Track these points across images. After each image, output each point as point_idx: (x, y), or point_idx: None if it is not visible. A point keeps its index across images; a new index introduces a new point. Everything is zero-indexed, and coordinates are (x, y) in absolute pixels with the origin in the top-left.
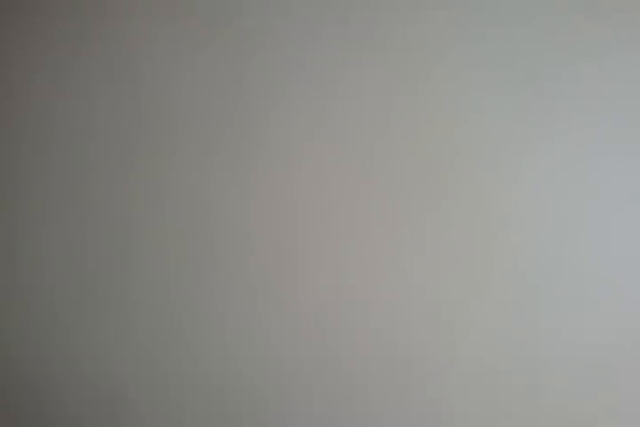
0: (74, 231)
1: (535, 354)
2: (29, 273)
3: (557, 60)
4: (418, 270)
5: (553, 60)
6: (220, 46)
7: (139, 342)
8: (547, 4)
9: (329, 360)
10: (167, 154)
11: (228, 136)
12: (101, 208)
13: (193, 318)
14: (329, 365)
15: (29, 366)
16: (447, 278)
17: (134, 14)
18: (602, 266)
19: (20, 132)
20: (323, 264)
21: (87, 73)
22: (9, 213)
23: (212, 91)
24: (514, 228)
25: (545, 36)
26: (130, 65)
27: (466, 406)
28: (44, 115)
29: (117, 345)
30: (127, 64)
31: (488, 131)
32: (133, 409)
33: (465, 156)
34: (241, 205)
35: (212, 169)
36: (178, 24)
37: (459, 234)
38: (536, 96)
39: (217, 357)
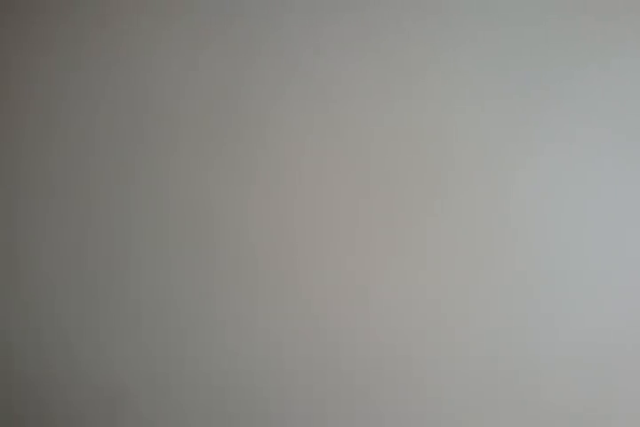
0: (74, 231)
1: (535, 354)
2: (29, 273)
3: (560, 60)
4: (418, 270)
5: (556, 61)
6: (220, 46)
7: (139, 342)
8: (552, 4)
9: (329, 360)
10: (167, 154)
11: (229, 136)
12: (101, 208)
13: (193, 318)
14: (329, 365)
15: (29, 366)
16: (447, 279)
17: (134, 14)
18: (602, 266)
19: (20, 132)
20: (323, 264)
21: (87, 73)
22: (9, 213)
23: (211, 91)
24: (514, 228)
25: (548, 36)
26: (130, 65)
27: (466, 406)
28: (44, 115)
29: (117, 345)
30: (127, 64)
31: (489, 131)
32: (133, 409)
33: (466, 156)
34: (241, 205)
35: (212, 169)
36: (178, 24)
37: (459, 234)
38: (537, 97)
39: (217, 357)
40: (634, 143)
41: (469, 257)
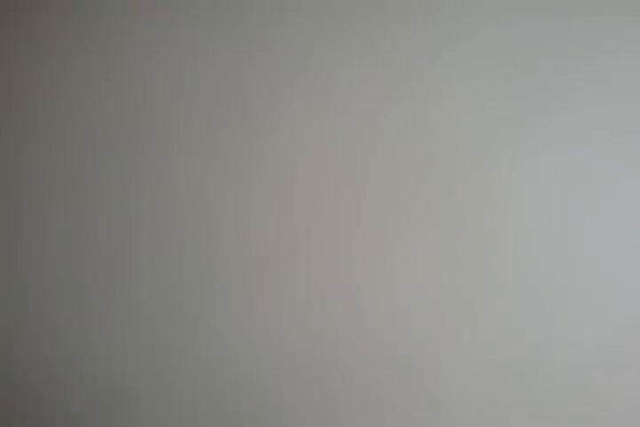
0: (74, 231)
1: (535, 354)
2: (29, 273)
3: (558, 61)
4: (418, 270)
5: (554, 62)
6: (220, 46)
7: (139, 342)
8: (553, 4)
9: (329, 360)
10: (168, 153)
11: (228, 136)
12: (102, 208)
13: (193, 317)
14: (329, 365)
15: (29, 366)
16: (448, 278)
17: (134, 14)
18: (602, 266)
19: (20, 132)
20: (323, 264)
21: (87, 73)
22: (9, 212)
23: (211, 91)
24: (514, 228)
25: (549, 36)
26: (130, 65)
27: (466, 406)
28: (44, 115)
29: (117, 345)
30: (127, 64)
31: (488, 131)
32: (133, 409)
33: (465, 156)
34: (241, 204)
35: (212, 168)
36: (178, 24)
37: (459, 234)
38: (537, 96)
39: (217, 356)
40: (634, 143)
41: (470, 257)
